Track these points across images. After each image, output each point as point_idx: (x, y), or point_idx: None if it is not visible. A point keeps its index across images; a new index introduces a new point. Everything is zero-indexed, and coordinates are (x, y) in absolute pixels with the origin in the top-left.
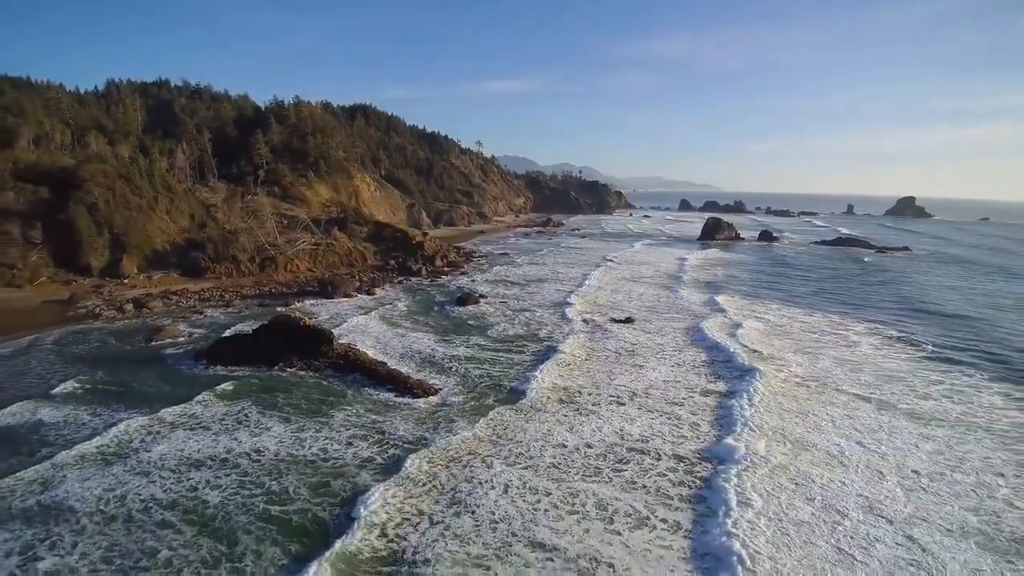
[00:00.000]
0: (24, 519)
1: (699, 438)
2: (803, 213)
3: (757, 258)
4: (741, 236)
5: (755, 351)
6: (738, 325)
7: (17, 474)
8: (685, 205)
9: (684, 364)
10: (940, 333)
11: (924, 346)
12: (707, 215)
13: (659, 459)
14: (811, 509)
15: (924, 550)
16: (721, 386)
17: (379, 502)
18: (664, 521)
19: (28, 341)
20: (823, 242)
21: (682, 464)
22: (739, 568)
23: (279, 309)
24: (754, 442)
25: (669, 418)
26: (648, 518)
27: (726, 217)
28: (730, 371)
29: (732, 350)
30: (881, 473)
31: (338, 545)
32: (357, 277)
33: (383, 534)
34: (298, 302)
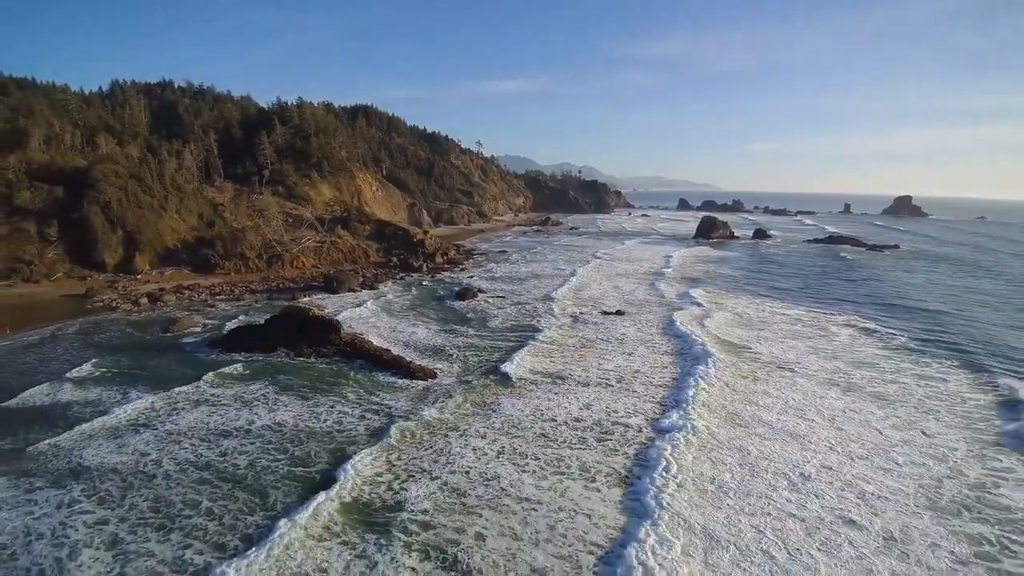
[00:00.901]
0: (72, 477)
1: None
2: (800, 212)
3: (746, 255)
4: (735, 234)
5: (727, 341)
6: (710, 316)
7: (54, 439)
8: (683, 204)
9: (655, 350)
10: (915, 326)
11: (898, 337)
12: (704, 214)
13: (640, 431)
14: (764, 474)
15: (868, 507)
16: (686, 369)
17: (387, 463)
18: (639, 478)
19: (51, 331)
20: (815, 240)
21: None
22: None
23: (286, 303)
24: (714, 418)
25: (641, 397)
26: (627, 476)
27: (724, 216)
28: (696, 357)
29: (701, 340)
30: (836, 442)
31: (348, 496)
32: (360, 273)
33: (390, 488)
34: (305, 296)
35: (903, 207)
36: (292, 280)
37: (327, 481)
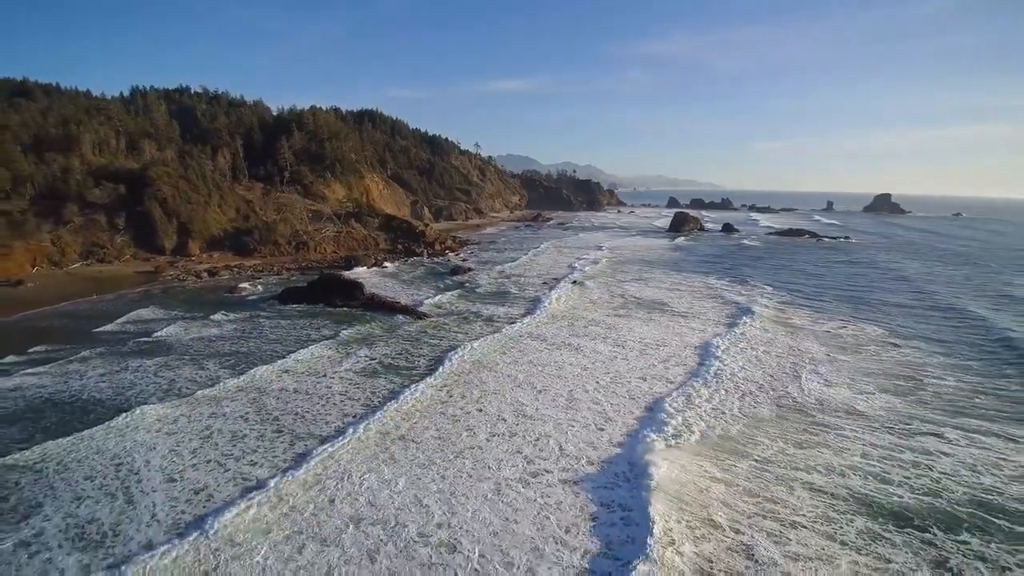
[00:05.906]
0: (218, 356)
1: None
2: (783, 209)
3: (690, 244)
4: (705, 228)
5: (590, 289)
6: (591, 280)
7: (195, 339)
8: (673, 203)
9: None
10: (806, 293)
11: (794, 297)
12: (676, 211)
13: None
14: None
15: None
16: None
17: (406, 344)
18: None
19: (140, 291)
20: (777, 233)
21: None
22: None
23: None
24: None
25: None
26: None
27: (713, 213)
28: (541, 308)
29: (566, 292)
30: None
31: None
32: (373, 257)
33: (402, 350)
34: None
35: (882, 205)
36: (317, 262)
37: None
